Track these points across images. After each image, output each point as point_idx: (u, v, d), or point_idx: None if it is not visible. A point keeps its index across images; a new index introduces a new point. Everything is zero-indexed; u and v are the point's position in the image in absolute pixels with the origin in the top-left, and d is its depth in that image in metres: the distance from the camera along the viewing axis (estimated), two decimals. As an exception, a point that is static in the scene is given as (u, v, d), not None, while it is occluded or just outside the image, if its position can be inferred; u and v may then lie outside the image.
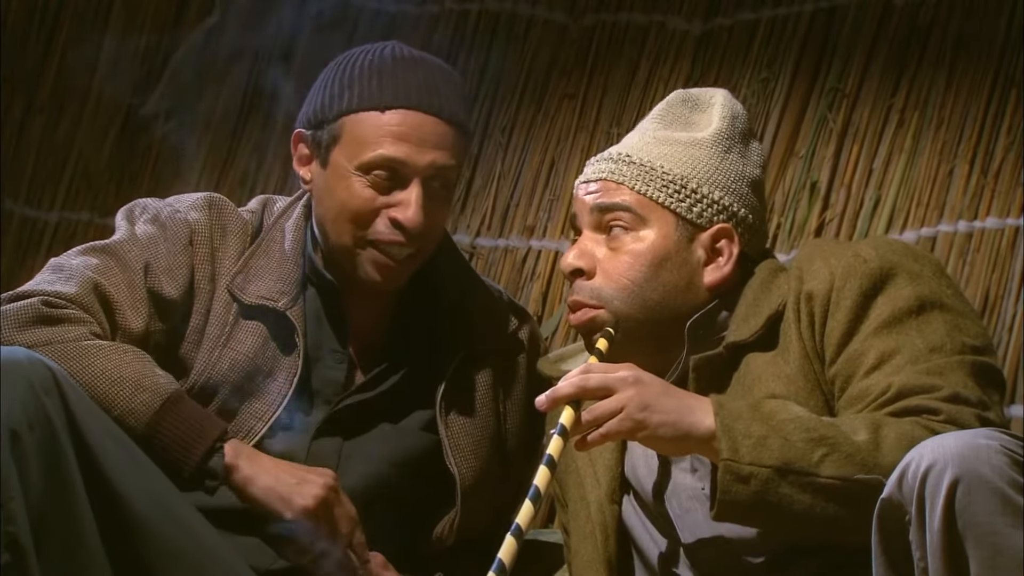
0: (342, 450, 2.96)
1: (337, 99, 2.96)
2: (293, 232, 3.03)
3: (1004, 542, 2.34)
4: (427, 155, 2.92)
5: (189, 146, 4.84)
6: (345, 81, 2.97)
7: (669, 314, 2.80)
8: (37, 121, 5.00)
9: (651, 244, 2.81)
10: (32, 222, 4.97)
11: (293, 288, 2.99)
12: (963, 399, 2.64)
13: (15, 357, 2.64)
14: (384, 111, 2.93)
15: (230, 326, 2.96)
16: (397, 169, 2.92)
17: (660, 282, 2.81)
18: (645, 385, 2.63)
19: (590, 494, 2.90)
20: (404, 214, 2.92)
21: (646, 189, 2.83)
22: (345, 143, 2.94)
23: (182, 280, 2.96)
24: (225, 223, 3.02)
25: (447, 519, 3.00)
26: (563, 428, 2.62)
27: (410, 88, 2.94)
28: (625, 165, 2.84)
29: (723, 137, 2.87)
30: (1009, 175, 3.92)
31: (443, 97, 2.95)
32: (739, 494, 2.58)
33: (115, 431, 2.72)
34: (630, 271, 2.80)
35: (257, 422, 2.93)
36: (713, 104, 2.91)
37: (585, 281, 2.83)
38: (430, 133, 2.93)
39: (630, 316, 2.79)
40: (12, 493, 2.57)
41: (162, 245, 2.98)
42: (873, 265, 2.74)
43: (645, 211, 2.82)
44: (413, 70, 2.96)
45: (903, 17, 4.11)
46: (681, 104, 2.91)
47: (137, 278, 2.94)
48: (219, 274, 2.99)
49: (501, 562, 2.49)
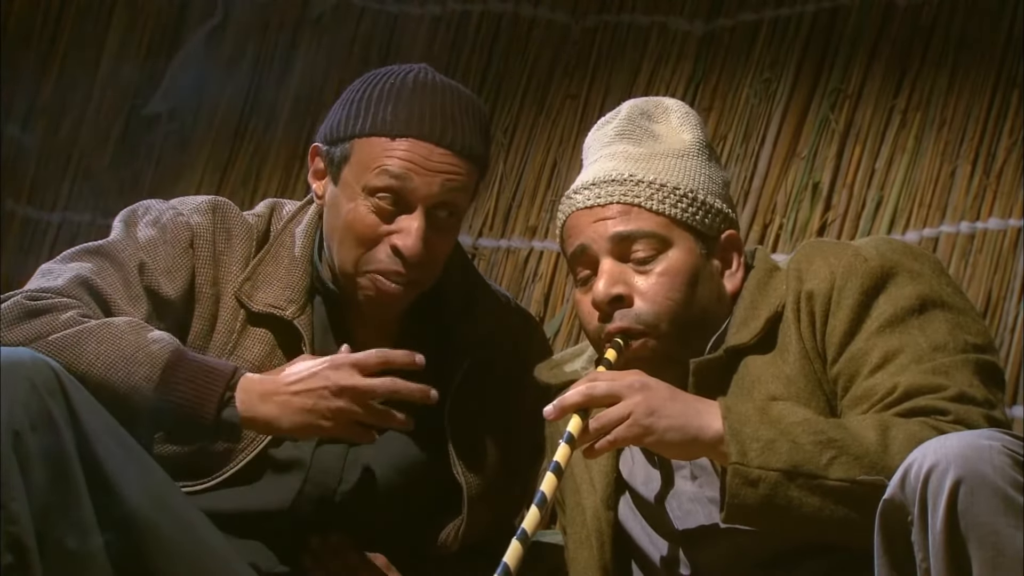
0: (347, 456, 2.96)
1: (352, 119, 2.94)
2: (303, 239, 3.02)
3: (1006, 542, 2.34)
4: (432, 185, 2.90)
5: (191, 147, 4.84)
6: (363, 103, 2.95)
7: (705, 328, 2.80)
8: (39, 121, 5.01)
9: (682, 263, 2.80)
10: (34, 222, 4.97)
11: (301, 296, 2.98)
12: (970, 398, 2.64)
13: (19, 358, 2.64)
14: (394, 138, 2.91)
15: (237, 333, 2.96)
16: (400, 197, 2.90)
17: (697, 298, 2.79)
18: (652, 391, 2.63)
19: (586, 500, 2.89)
20: (404, 242, 2.90)
21: (661, 208, 2.81)
22: (354, 164, 2.93)
23: (181, 282, 2.95)
24: (230, 227, 3.01)
25: (452, 526, 3.00)
26: (570, 436, 2.62)
27: (423, 117, 2.91)
28: (634, 186, 2.81)
29: (703, 145, 2.87)
30: (1011, 176, 3.92)
31: (457, 128, 2.92)
32: (748, 497, 2.58)
33: (118, 431, 2.72)
34: (671, 291, 2.78)
35: None
36: (668, 112, 2.89)
37: (626, 308, 2.81)
38: (437, 163, 2.90)
39: (673, 336, 2.78)
40: (14, 494, 2.57)
41: (161, 247, 2.96)
42: (874, 264, 2.74)
43: (666, 231, 2.80)
44: (431, 98, 2.93)
45: (905, 18, 4.11)
46: (640, 117, 2.89)
47: (132, 276, 2.92)
48: (224, 279, 2.98)
49: (507, 566, 2.49)
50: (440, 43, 4.61)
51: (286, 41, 4.79)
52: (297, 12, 4.81)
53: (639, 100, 2.92)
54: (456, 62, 4.57)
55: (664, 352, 2.77)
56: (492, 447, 3.03)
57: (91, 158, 4.94)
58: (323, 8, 4.78)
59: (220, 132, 4.82)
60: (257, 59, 4.82)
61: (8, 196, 4.98)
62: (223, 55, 4.85)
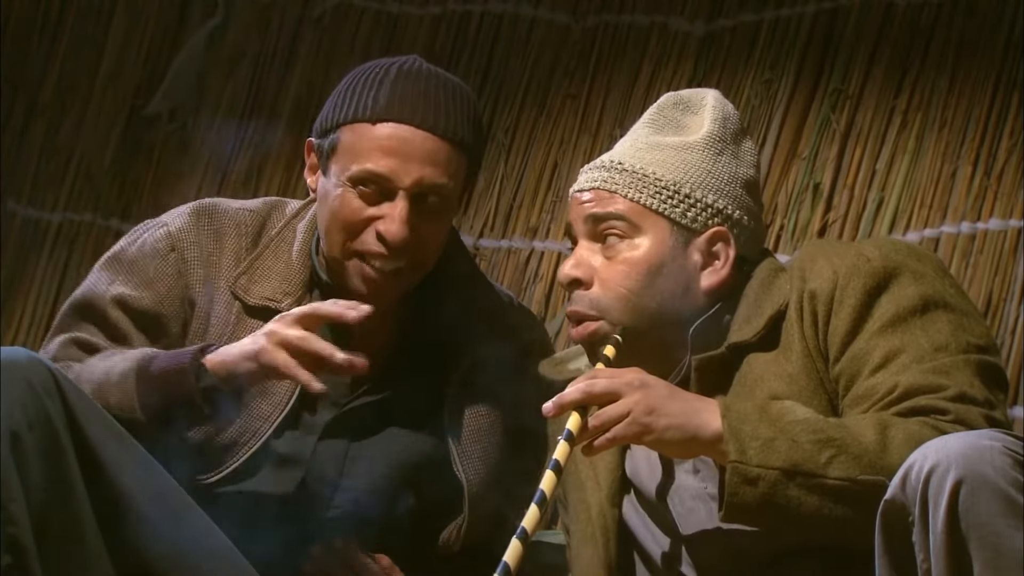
0: (348, 451, 2.96)
1: (338, 109, 2.95)
2: (303, 234, 3.03)
3: (1006, 543, 2.34)
4: (414, 171, 2.90)
5: (191, 147, 4.84)
6: (349, 92, 2.95)
7: (668, 320, 2.80)
8: (40, 121, 5.01)
9: (646, 252, 2.81)
10: (35, 223, 4.97)
11: (298, 290, 2.98)
12: (970, 398, 2.64)
13: (14, 357, 2.64)
14: (375, 124, 2.91)
15: (232, 326, 2.96)
16: (382, 183, 2.91)
17: (657, 289, 2.80)
18: (651, 389, 2.63)
19: (591, 497, 2.90)
20: (387, 227, 2.90)
21: (639, 196, 2.82)
22: (340, 153, 2.93)
23: (165, 289, 2.97)
24: (217, 226, 3.02)
25: (454, 525, 3.00)
26: (569, 433, 2.62)
27: (404, 102, 2.91)
28: (617, 173, 2.84)
29: (715, 140, 2.86)
30: (1012, 176, 3.92)
31: (440, 112, 2.92)
32: (747, 496, 2.58)
33: (117, 430, 2.72)
34: (627, 280, 2.80)
35: (263, 423, 2.92)
36: (704, 105, 2.90)
37: (583, 292, 2.82)
38: (419, 148, 2.90)
39: (629, 325, 2.79)
40: (13, 495, 2.57)
41: (139, 262, 2.99)
42: (877, 264, 2.74)
43: (639, 219, 2.82)
44: (414, 84, 2.93)
45: (906, 18, 4.11)
46: (672, 107, 2.91)
47: (111, 315, 2.95)
48: (215, 277, 2.98)
49: (507, 565, 2.49)
50: (440, 43, 4.61)
51: (286, 41, 4.79)
52: (297, 12, 4.81)
53: (687, 91, 2.94)
54: (456, 62, 4.58)
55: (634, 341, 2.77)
56: (493, 446, 3.03)
57: (91, 158, 4.94)
58: (323, 8, 4.78)
59: (220, 132, 4.82)
60: (257, 59, 4.82)
61: (8, 196, 4.98)
62: (223, 55, 4.85)
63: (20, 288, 4.92)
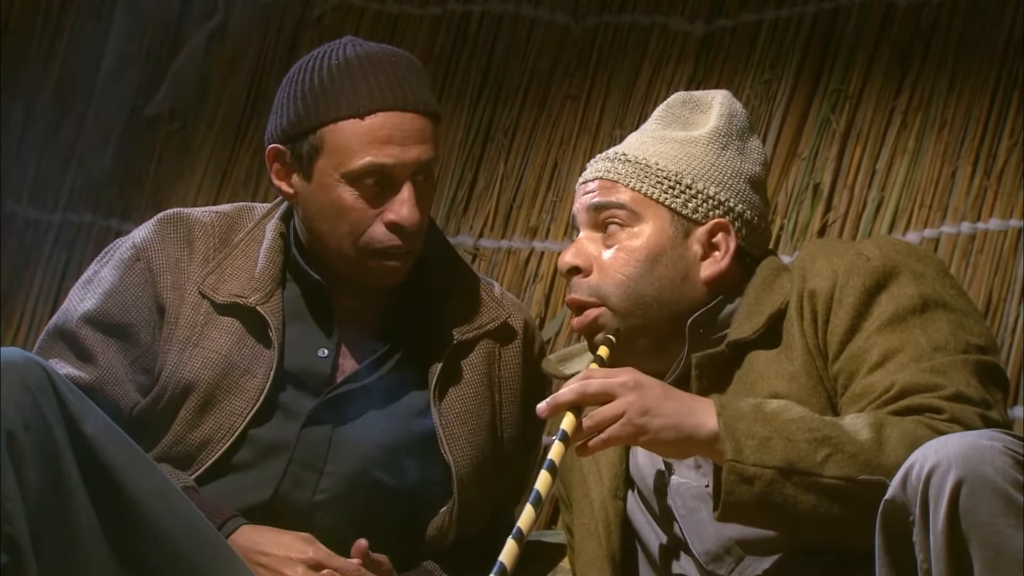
0: (332, 437, 2.97)
1: (312, 109, 2.95)
2: (272, 232, 3.04)
3: (1007, 543, 2.34)
4: (412, 153, 2.93)
5: (192, 147, 4.84)
6: (317, 90, 2.96)
7: (667, 309, 2.81)
8: (40, 122, 5.00)
9: (646, 239, 2.82)
10: (34, 223, 4.97)
11: (267, 285, 3.00)
12: (966, 398, 2.64)
13: (10, 358, 2.64)
14: (364, 117, 2.93)
15: (200, 326, 2.98)
16: (387, 173, 2.93)
17: (656, 276, 2.81)
18: (646, 389, 2.63)
19: (593, 491, 2.90)
20: (400, 214, 2.93)
21: (640, 186, 2.83)
22: (328, 153, 2.94)
23: (132, 298, 3.00)
24: (184, 233, 3.04)
25: (445, 511, 3.00)
26: (564, 433, 2.62)
27: (383, 88, 2.94)
28: (621, 164, 2.86)
29: (720, 134, 2.88)
30: (1012, 177, 3.92)
31: (414, 90, 2.96)
32: (743, 495, 2.58)
33: (114, 430, 2.72)
34: (625, 266, 2.81)
35: (237, 418, 2.95)
36: (713, 104, 2.91)
37: (582, 279, 2.84)
38: (410, 130, 2.93)
39: (628, 312, 2.80)
40: (9, 494, 2.57)
41: (106, 274, 3.02)
42: (876, 263, 2.75)
43: (640, 208, 2.83)
44: (380, 67, 2.96)
45: (906, 19, 4.11)
46: (682, 105, 2.92)
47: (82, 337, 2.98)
48: (185, 280, 3.01)
49: (502, 565, 2.49)
50: (440, 43, 4.61)
51: (286, 41, 4.79)
52: (297, 12, 4.81)
53: (698, 92, 2.96)
54: (456, 63, 4.58)
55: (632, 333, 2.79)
56: (480, 428, 3.04)
57: (91, 158, 4.94)
58: (323, 8, 4.78)
59: (221, 132, 4.82)
60: (257, 59, 4.82)
61: (8, 196, 4.98)
62: (223, 55, 4.85)
63: (20, 288, 4.92)
